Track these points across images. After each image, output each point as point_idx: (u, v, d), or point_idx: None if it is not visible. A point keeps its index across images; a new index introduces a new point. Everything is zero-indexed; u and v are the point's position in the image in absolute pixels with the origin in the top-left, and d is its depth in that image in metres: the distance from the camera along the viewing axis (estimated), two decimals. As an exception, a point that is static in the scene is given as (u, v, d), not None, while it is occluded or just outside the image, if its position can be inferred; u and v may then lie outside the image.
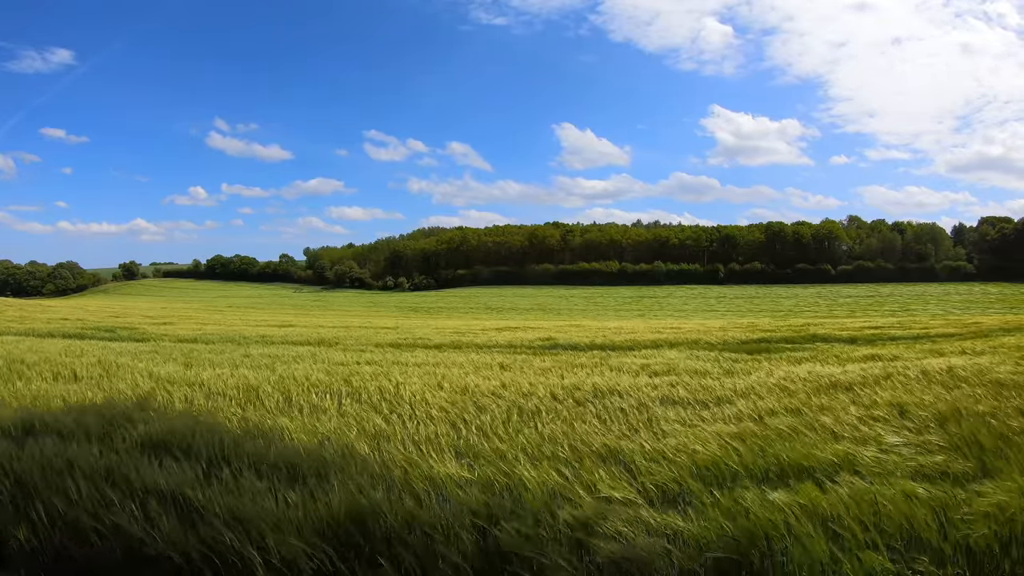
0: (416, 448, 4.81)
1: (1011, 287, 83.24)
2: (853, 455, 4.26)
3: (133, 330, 21.95)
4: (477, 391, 7.37)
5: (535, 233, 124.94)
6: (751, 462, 4.25)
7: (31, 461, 4.14)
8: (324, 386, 7.81)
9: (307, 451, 4.60)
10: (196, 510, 3.48)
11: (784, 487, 3.65)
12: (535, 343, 16.95)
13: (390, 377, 8.76)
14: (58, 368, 9.90)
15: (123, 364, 10.47)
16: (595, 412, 6.13)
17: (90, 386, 8.05)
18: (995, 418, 5.09)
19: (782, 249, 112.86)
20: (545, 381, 8.15)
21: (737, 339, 17.17)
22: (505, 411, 6.19)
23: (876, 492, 3.36)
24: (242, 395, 7.31)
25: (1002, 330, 18.25)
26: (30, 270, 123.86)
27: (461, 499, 3.50)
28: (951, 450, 4.37)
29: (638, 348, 15.27)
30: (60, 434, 5.04)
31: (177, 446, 4.69)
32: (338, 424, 5.68)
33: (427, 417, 6.00)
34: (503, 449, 4.73)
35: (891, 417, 5.57)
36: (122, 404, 6.62)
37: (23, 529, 3.42)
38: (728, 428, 5.29)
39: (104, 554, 3.20)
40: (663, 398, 6.88)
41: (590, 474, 3.93)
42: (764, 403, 6.40)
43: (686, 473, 4.09)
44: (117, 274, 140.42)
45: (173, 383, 8.19)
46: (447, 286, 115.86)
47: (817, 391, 7.19)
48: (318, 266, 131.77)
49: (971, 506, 3.17)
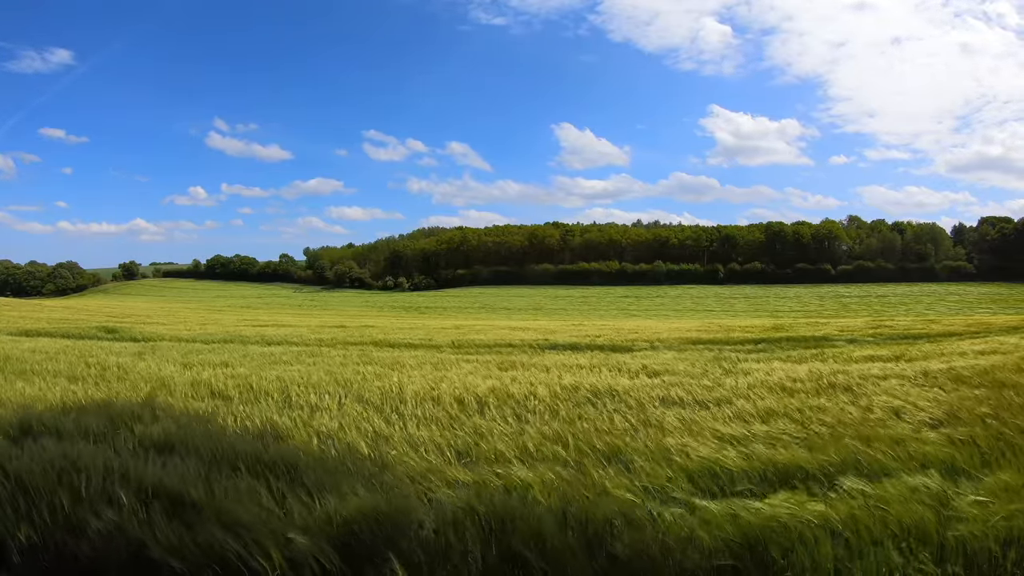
0: (415, 449, 4.81)
1: (1011, 287, 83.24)
2: (854, 455, 4.26)
3: (133, 330, 21.92)
4: (477, 391, 7.36)
5: (535, 233, 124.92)
6: (751, 463, 4.25)
7: (31, 461, 4.14)
8: (324, 386, 7.81)
9: (307, 451, 4.59)
10: (197, 511, 3.47)
11: (785, 488, 3.65)
12: (535, 343, 16.94)
13: (390, 377, 8.76)
14: (58, 368, 9.90)
15: (123, 364, 10.46)
16: (594, 412, 6.13)
17: (90, 386, 8.05)
18: (996, 418, 5.09)
19: (782, 249, 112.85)
20: (545, 381, 8.15)
21: (737, 339, 17.17)
22: (504, 411, 6.19)
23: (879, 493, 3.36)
24: (242, 395, 7.31)
25: (1004, 330, 18.25)
26: (30, 270, 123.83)
27: (461, 499, 3.49)
28: (951, 449, 4.37)
29: (637, 348, 15.27)
30: (60, 434, 5.03)
31: (177, 446, 4.68)
32: (338, 424, 5.67)
33: (427, 417, 6.00)
34: (502, 449, 4.73)
35: (890, 417, 5.57)
36: (122, 404, 6.61)
37: (23, 530, 3.41)
38: (728, 429, 5.29)
39: (106, 555, 3.20)
40: (662, 398, 6.87)
41: (591, 474, 3.93)
42: (764, 403, 6.40)
43: (686, 474, 4.09)
44: (117, 274, 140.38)
45: (173, 383, 8.18)
46: (447, 286, 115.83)
47: (817, 392, 7.19)
48: (318, 266, 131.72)
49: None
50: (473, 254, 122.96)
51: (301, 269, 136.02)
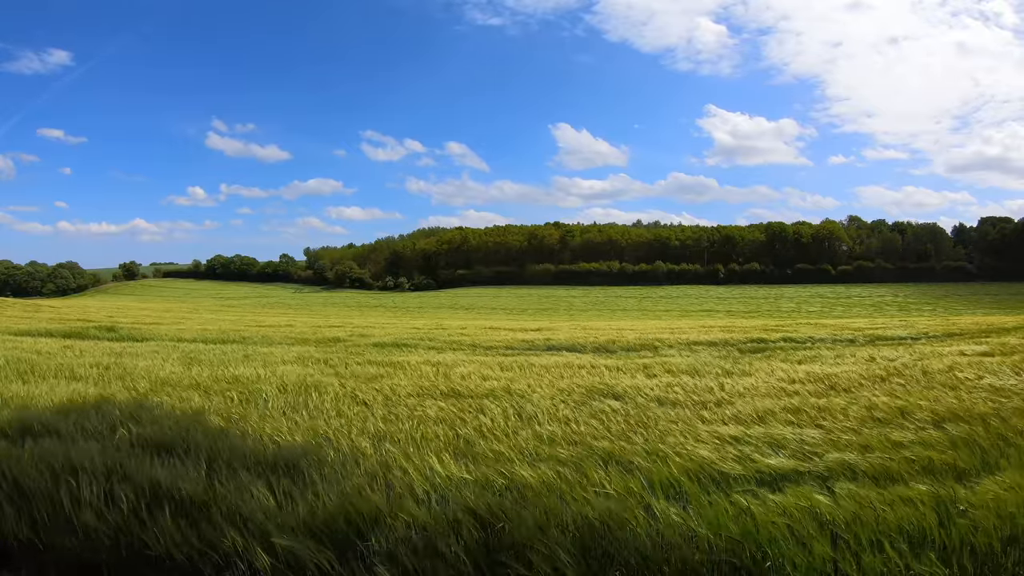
0: (416, 448, 4.81)
1: (1011, 287, 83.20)
2: (854, 456, 4.26)
3: (133, 330, 21.93)
4: (476, 391, 7.36)
5: (535, 233, 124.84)
6: (748, 464, 4.25)
7: (31, 461, 4.14)
8: (324, 386, 7.80)
9: (308, 451, 4.59)
10: (198, 509, 3.47)
11: (784, 488, 3.65)
12: (534, 343, 16.95)
13: (391, 377, 8.77)
14: (58, 368, 9.90)
15: (123, 364, 10.47)
16: (594, 413, 6.13)
17: (90, 386, 8.04)
18: (997, 417, 5.09)
19: (782, 249, 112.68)
20: (544, 381, 8.15)
21: (737, 340, 17.17)
22: (504, 411, 6.18)
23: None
24: (242, 395, 7.30)
25: (1003, 330, 18.24)
26: (30, 270, 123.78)
27: (460, 499, 3.49)
28: (951, 449, 4.37)
29: (637, 349, 15.27)
30: (60, 434, 5.03)
31: (178, 446, 4.68)
32: (339, 424, 5.67)
33: (427, 417, 6.00)
34: (501, 449, 4.73)
35: (890, 417, 5.57)
36: (122, 404, 6.61)
37: (24, 528, 3.42)
38: (727, 429, 5.29)
39: (106, 552, 3.20)
40: (661, 399, 6.87)
41: (590, 474, 3.93)
42: (763, 404, 6.40)
43: (685, 474, 4.09)
44: (117, 274, 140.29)
45: (173, 383, 8.18)
46: (447, 286, 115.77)
47: (816, 392, 7.19)
48: (318, 266, 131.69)
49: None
50: (473, 254, 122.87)
51: (301, 269, 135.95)
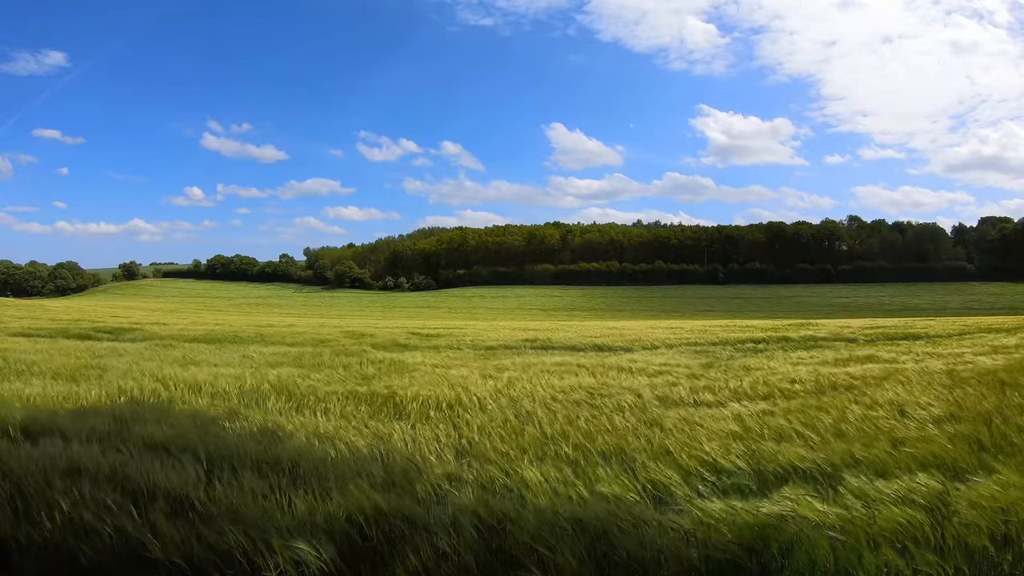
0: (417, 448, 4.81)
1: (1011, 287, 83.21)
2: (855, 455, 4.26)
3: (133, 330, 21.92)
4: (477, 392, 7.36)
5: (535, 233, 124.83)
6: (749, 462, 4.25)
7: (31, 462, 4.13)
8: (324, 387, 7.80)
9: (308, 451, 4.59)
10: (198, 510, 3.47)
11: (784, 488, 3.65)
12: (534, 343, 16.94)
13: (391, 377, 8.77)
14: (58, 368, 9.90)
15: (123, 364, 10.46)
16: (594, 412, 6.13)
17: (90, 386, 8.03)
18: (998, 416, 5.09)
19: (782, 249, 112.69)
20: (545, 381, 8.14)
21: (736, 339, 17.16)
22: (505, 411, 6.18)
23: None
24: (242, 395, 7.30)
25: (1002, 330, 18.24)
26: (30, 270, 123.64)
27: (461, 499, 3.49)
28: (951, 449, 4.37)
29: (637, 349, 15.27)
30: (59, 434, 5.02)
31: (178, 446, 4.68)
32: (339, 424, 5.67)
33: (427, 418, 6.00)
34: (504, 449, 4.73)
35: (890, 416, 5.57)
36: (122, 404, 6.61)
37: (25, 530, 3.41)
38: (727, 427, 5.28)
39: (107, 555, 3.20)
40: (661, 398, 6.87)
41: (592, 473, 3.93)
42: (762, 404, 6.40)
43: (686, 473, 4.09)
44: (117, 274, 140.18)
45: (173, 383, 8.17)
46: (447, 286, 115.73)
47: (817, 392, 7.18)
48: (318, 266, 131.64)
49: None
50: (473, 254, 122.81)
51: (301, 269, 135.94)
